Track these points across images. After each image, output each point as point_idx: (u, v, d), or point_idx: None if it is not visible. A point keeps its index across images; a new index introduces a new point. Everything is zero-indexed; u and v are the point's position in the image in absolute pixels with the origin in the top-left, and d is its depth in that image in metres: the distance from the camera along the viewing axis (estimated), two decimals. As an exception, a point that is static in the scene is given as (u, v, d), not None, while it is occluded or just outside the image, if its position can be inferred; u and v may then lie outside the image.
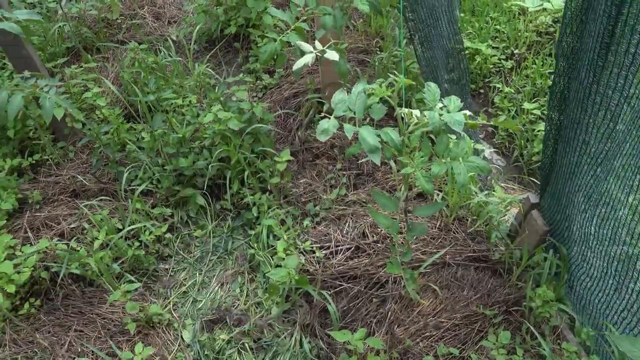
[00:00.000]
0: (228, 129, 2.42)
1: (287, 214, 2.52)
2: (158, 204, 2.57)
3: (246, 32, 3.58)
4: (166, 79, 3.08)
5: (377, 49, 3.47)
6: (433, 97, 1.68)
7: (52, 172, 2.79)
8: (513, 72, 3.57)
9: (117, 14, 3.41)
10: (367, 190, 2.61)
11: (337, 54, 1.99)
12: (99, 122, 2.90)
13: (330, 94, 2.96)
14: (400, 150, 1.62)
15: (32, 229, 2.43)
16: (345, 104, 1.69)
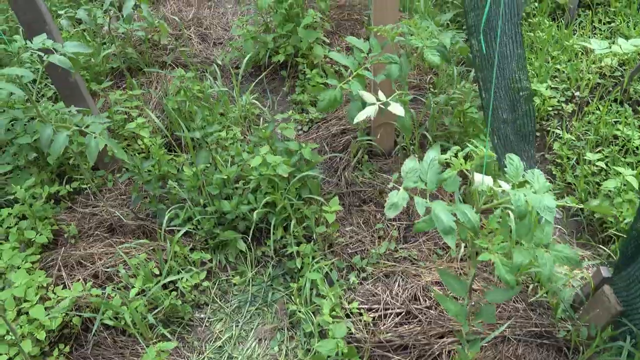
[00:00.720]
0: (276, 175, 2.28)
1: (332, 267, 2.36)
2: (197, 246, 2.44)
3: (294, 61, 3.45)
4: (210, 109, 2.96)
5: (431, 86, 3.30)
6: (516, 172, 1.50)
7: (90, 202, 2.69)
8: (574, 116, 3.35)
9: (165, 39, 3.32)
10: (418, 245, 2.44)
11: (402, 108, 1.83)
12: (140, 152, 2.79)
13: (382, 136, 2.80)
14: (477, 232, 1.45)
15: (65, 266, 2.32)
16: (416, 173, 1.53)
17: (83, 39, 3.42)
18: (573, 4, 3.95)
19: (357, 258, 2.40)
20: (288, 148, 2.48)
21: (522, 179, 1.50)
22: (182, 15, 4.09)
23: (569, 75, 3.55)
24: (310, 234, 2.48)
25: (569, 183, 3.05)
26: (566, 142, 3.18)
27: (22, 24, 2.23)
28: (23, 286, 2.08)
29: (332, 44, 3.60)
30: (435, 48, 1.90)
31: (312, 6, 3.69)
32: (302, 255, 2.37)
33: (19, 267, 2.23)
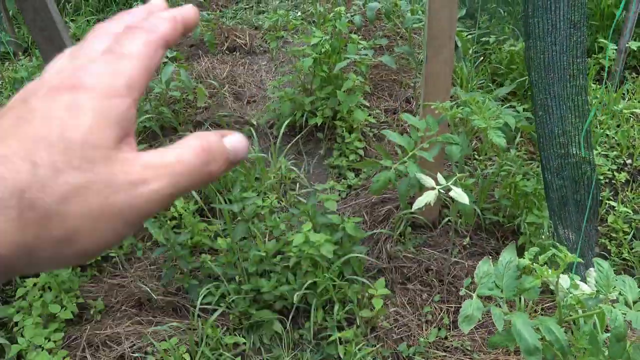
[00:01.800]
0: (319, 254, 2.12)
1: (375, 355, 2.16)
2: (229, 326, 2.27)
3: (331, 123, 3.34)
4: (246, 175, 2.84)
5: (475, 152, 3.15)
6: (606, 281, 1.32)
7: (118, 272, 2.55)
8: (627, 187, 3.15)
9: (202, 102, 3.25)
10: (471, 334, 2.23)
11: (465, 196, 1.67)
12: (172, 219, 2.67)
13: (428, 208, 2.64)
14: (566, 354, 1.26)
15: (90, 346, 2.17)
16: (490, 279, 1.35)
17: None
18: (619, 66, 3.81)
19: (403, 346, 2.20)
20: (330, 222, 2.33)
21: (613, 289, 1.32)
22: (215, 73, 4.05)
23: (619, 142, 3.37)
24: (351, 316, 2.29)
25: (625, 259, 2.84)
26: (621, 215, 2.98)
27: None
28: (44, 371, 1.92)
29: (370, 106, 3.50)
30: (499, 128, 1.76)
31: (353, 68, 3.61)
32: (345, 341, 2.18)
33: (42, 346, 2.09)
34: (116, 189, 0.30)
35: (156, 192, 0.32)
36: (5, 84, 3.68)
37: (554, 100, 2.02)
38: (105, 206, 0.30)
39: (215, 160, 0.35)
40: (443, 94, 2.20)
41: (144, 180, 0.31)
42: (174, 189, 0.33)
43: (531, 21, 1.74)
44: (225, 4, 5.52)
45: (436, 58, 2.18)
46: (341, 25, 2.92)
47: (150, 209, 0.32)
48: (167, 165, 0.33)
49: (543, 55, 1.80)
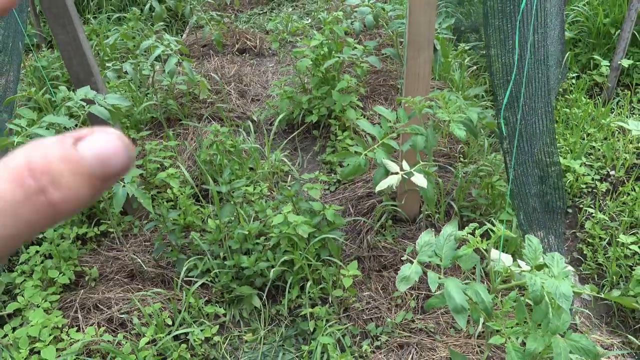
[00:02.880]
0: (296, 234, 2.29)
1: (345, 332, 2.31)
2: (212, 299, 2.44)
3: (327, 122, 3.52)
4: (241, 163, 3.03)
5: (461, 155, 3.30)
6: (534, 254, 1.46)
7: (115, 246, 2.75)
8: (608, 195, 3.27)
9: (205, 95, 3.46)
10: (436, 317, 2.37)
11: (424, 180, 1.83)
12: (169, 201, 2.86)
13: (407, 202, 2.79)
14: (490, 314, 1.40)
15: (83, 308, 2.35)
16: (431, 248, 1.51)
17: (129, 88, 3.60)
18: (612, 82, 3.94)
19: (372, 325, 2.35)
20: (312, 208, 2.50)
21: (541, 261, 1.46)
22: (224, 72, 4.27)
23: (605, 154, 3.49)
24: (327, 296, 2.45)
25: (600, 264, 2.95)
26: (599, 222, 3.09)
27: (71, 74, 2.38)
28: (39, 325, 2.11)
29: (365, 107, 3.67)
30: (461, 122, 1.92)
31: (349, 71, 3.79)
32: (316, 318, 2.34)
33: (39, 305, 2.28)
34: None
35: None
36: (27, 72, 3.93)
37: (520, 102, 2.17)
38: None
39: (56, 182, 0.24)
40: (422, 92, 2.37)
41: None
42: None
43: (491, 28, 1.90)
44: (240, 9, 5.76)
45: (416, 59, 2.35)
46: (338, 29, 3.11)
47: None
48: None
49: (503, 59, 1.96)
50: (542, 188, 2.50)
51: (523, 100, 2.18)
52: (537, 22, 2.02)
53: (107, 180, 0.25)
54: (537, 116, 2.32)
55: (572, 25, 4.45)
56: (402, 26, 2.83)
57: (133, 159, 0.26)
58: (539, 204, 2.66)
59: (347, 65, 3.79)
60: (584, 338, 1.37)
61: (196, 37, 4.86)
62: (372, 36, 4.50)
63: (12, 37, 2.77)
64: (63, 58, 2.38)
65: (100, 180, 0.25)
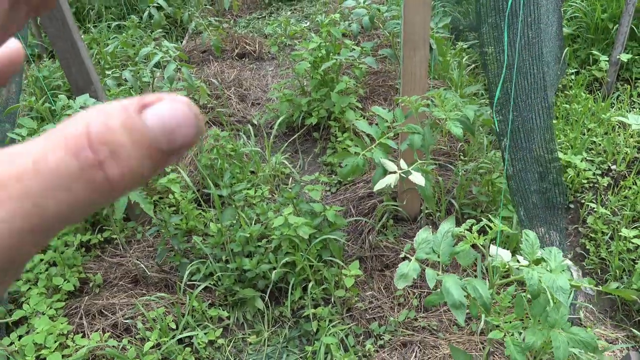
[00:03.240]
0: (297, 235, 2.30)
1: (348, 332, 2.32)
2: (215, 302, 2.46)
3: (327, 124, 3.54)
4: (241, 167, 3.05)
5: (461, 154, 3.31)
6: (531, 249, 1.47)
7: (118, 253, 2.77)
8: (610, 190, 3.26)
9: (204, 100, 3.48)
10: (439, 315, 2.38)
11: (422, 178, 1.84)
12: (171, 206, 2.88)
13: (407, 201, 2.80)
14: (489, 309, 1.41)
15: (88, 314, 2.37)
16: (429, 244, 1.52)
17: (129, 96, 3.62)
18: (611, 77, 3.94)
19: (375, 325, 2.35)
20: (312, 210, 2.51)
21: (539, 256, 1.47)
22: (224, 77, 4.29)
23: (605, 149, 3.49)
24: (329, 297, 2.46)
25: (603, 259, 2.94)
26: (601, 216, 3.09)
27: (70, 82, 2.40)
28: (44, 332, 2.13)
29: (364, 108, 3.69)
30: (458, 120, 1.93)
31: (348, 73, 3.81)
32: (319, 318, 2.35)
33: (44, 313, 2.30)
34: None
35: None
36: (29, 82, 3.97)
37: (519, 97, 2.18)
38: None
39: (116, 155, 0.21)
40: (419, 91, 2.38)
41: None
42: (27, 221, 0.20)
43: (485, 25, 1.91)
44: (239, 14, 5.79)
45: (412, 59, 2.36)
46: (335, 32, 3.12)
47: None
48: (18, 176, 0.20)
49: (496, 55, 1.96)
50: (543, 184, 2.50)
51: (518, 96, 2.19)
52: (530, 18, 2.03)
53: (171, 154, 0.22)
54: (534, 112, 2.33)
55: (570, 21, 4.45)
56: (398, 27, 2.85)
57: (202, 131, 0.23)
58: (540, 200, 2.66)
59: (345, 67, 3.81)
60: (582, 331, 1.37)
61: (195, 43, 4.89)
62: (370, 37, 4.51)
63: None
64: (62, 66, 2.40)
65: (164, 153, 0.22)
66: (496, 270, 1.49)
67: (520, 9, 1.86)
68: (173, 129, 0.22)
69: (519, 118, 2.23)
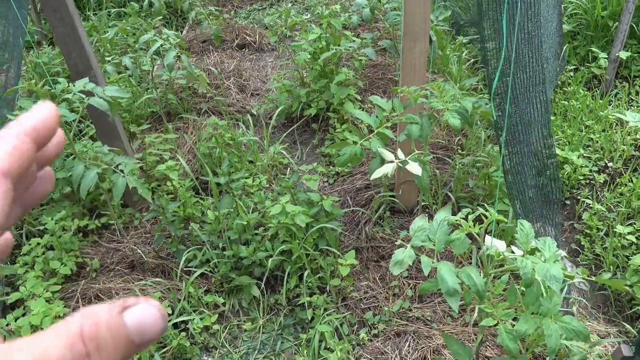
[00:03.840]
0: (294, 224, 2.31)
1: (343, 321, 2.34)
2: (212, 289, 2.47)
3: (325, 115, 3.55)
4: (240, 156, 3.05)
5: (459, 147, 3.32)
6: (526, 239, 1.49)
7: (115, 238, 2.78)
8: (605, 187, 3.28)
9: (203, 89, 3.48)
10: (433, 306, 2.39)
11: (419, 168, 1.85)
12: (169, 194, 2.89)
13: (404, 193, 2.82)
14: (482, 297, 1.42)
15: (84, 298, 2.38)
16: (424, 232, 1.53)
17: (129, 83, 3.63)
18: (610, 75, 3.95)
19: (369, 314, 2.37)
20: (310, 199, 2.52)
21: (533, 245, 1.48)
22: (223, 67, 4.29)
23: (602, 146, 3.51)
24: (325, 286, 2.48)
25: (597, 255, 2.97)
26: (596, 213, 3.11)
27: (70, 67, 2.40)
28: (40, 315, 2.14)
29: (363, 101, 3.69)
30: (456, 111, 1.94)
31: (347, 65, 3.81)
32: (314, 307, 2.36)
33: (40, 295, 2.31)
34: None
35: None
36: (28, 68, 3.96)
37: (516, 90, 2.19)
38: None
39: (100, 348, 0.27)
40: (418, 83, 2.39)
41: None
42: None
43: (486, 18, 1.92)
44: (240, 5, 5.78)
45: (411, 50, 2.37)
46: (336, 23, 3.12)
47: None
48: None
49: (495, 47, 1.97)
50: (540, 179, 2.52)
51: (516, 89, 2.20)
52: (530, 11, 2.03)
53: (142, 346, 0.29)
54: (532, 106, 2.34)
55: (570, 18, 4.46)
56: (399, 18, 2.85)
57: (166, 328, 0.30)
58: (537, 194, 2.67)
59: (345, 59, 3.81)
60: (574, 320, 1.39)
61: (196, 33, 4.88)
62: (370, 30, 4.51)
63: (13, 34, 2.80)
64: (62, 51, 2.40)
65: (136, 346, 0.28)
66: (491, 259, 1.50)
67: (519, 2, 1.87)
68: (145, 328, 0.28)
69: (517, 111, 2.24)
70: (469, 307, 2.35)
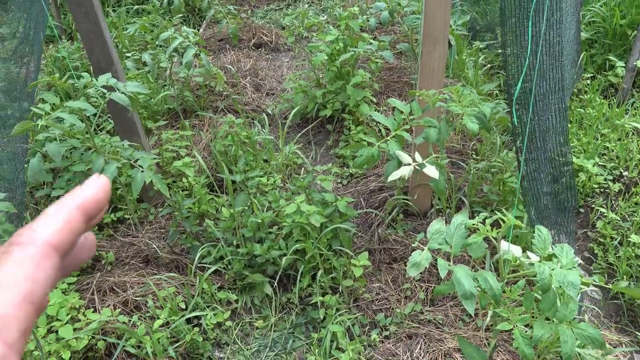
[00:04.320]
0: (308, 223, 2.32)
1: (355, 321, 2.35)
2: (225, 285, 2.49)
3: (340, 116, 3.56)
4: (255, 155, 3.08)
5: (473, 152, 3.32)
6: (543, 244, 1.49)
7: (130, 232, 2.81)
8: (620, 196, 3.27)
9: (220, 87, 3.51)
10: (445, 310, 2.40)
11: (436, 171, 1.86)
12: (184, 190, 2.91)
13: (419, 196, 2.82)
14: (498, 301, 1.43)
15: (99, 291, 2.41)
16: (441, 235, 1.54)
17: (146, 79, 3.66)
18: (627, 83, 3.93)
19: (381, 316, 2.38)
20: (324, 199, 2.53)
21: (550, 252, 1.48)
22: (240, 66, 4.32)
23: (618, 154, 3.49)
24: (337, 286, 2.49)
25: (611, 264, 2.95)
26: (610, 222, 3.09)
27: (92, 62, 2.44)
28: (56, 305, 2.17)
29: (379, 103, 3.70)
30: (474, 115, 1.94)
31: (364, 67, 3.82)
32: (326, 306, 2.38)
33: (56, 287, 2.33)
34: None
35: None
36: (47, 62, 4.01)
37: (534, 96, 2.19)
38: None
39: None
40: (436, 87, 2.40)
41: None
42: None
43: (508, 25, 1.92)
44: (257, 4, 5.81)
45: (431, 54, 2.38)
46: (354, 24, 3.14)
47: None
48: None
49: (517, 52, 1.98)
50: (555, 186, 2.51)
51: (536, 96, 2.20)
52: (553, 18, 2.04)
53: None
54: (550, 113, 2.34)
55: (588, 25, 4.44)
56: (417, 21, 2.86)
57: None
58: (551, 202, 2.67)
59: (361, 61, 3.82)
60: (590, 327, 1.39)
61: (213, 31, 4.92)
62: (386, 33, 4.52)
63: (34, 28, 2.84)
64: (85, 46, 2.44)
65: None
66: (507, 264, 1.50)
67: (545, 9, 1.87)
68: None
69: (535, 118, 2.24)
70: (481, 311, 2.35)
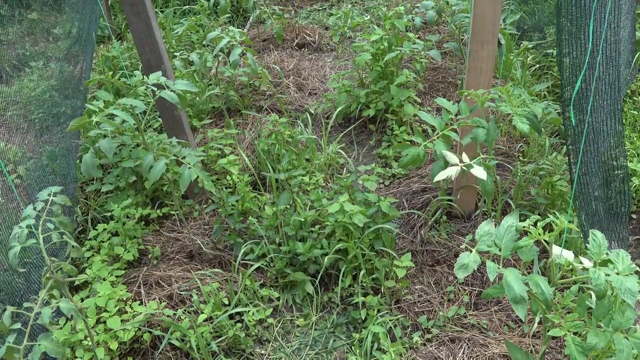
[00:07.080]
0: (351, 223, 2.32)
1: (396, 323, 2.33)
2: (267, 283, 2.51)
3: (383, 116, 3.54)
4: (298, 154, 3.09)
5: (520, 154, 3.24)
6: (599, 249, 1.44)
7: (175, 228, 2.87)
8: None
9: (265, 86, 3.54)
10: (489, 314, 2.34)
11: (484, 172, 1.82)
12: (227, 187, 2.95)
13: (463, 198, 2.77)
14: (549, 306, 1.39)
15: (145, 284, 2.47)
16: (490, 238, 1.51)
17: (192, 79, 3.73)
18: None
19: (423, 318, 2.35)
20: (367, 199, 2.52)
21: (605, 257, 1.43)
22: (283, 65, 4.35)
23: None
24: (379, 287, 2.47)
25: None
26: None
27: (142, 61, 2.50)
28: (105, 297, 2.24)
29: (423, 103, 3.66)
30: (525, 116, 1.89)
31: (408, 66, 3.79)
32: (368, 307, 2.36)
33: (105, 279, 2.41)
34: None
35: None
36: (99, 61, 4.14)
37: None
38: None
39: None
40: (484, 86, 2.35)
41: None
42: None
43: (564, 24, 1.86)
44: (300, 5, 5.84)
45: (479, 53, 2.33)
46: (399, 24, 3.11)
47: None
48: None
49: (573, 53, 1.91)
50: (607, 191, 2.42)
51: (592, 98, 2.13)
52: (611, 17, 1.96)
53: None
54: (605, 116, 2.25)
55: (643, 24, 4.25)
56: (466, 20, 2.80)
57: None
58: (602, 207, 2.57)
59: (405, 61, 3.78)
60: (648, 337, 1.33)
61: (257, 31, 4.97)
62: (432, 32, 4.46)
63: (87, 28, 2.94)
64: (136, 45, 2.50)
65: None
66: (559, 268, 1.46)
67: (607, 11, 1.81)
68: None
69: (589, 120, 2.16)
70: (527, 317, 2.29)
